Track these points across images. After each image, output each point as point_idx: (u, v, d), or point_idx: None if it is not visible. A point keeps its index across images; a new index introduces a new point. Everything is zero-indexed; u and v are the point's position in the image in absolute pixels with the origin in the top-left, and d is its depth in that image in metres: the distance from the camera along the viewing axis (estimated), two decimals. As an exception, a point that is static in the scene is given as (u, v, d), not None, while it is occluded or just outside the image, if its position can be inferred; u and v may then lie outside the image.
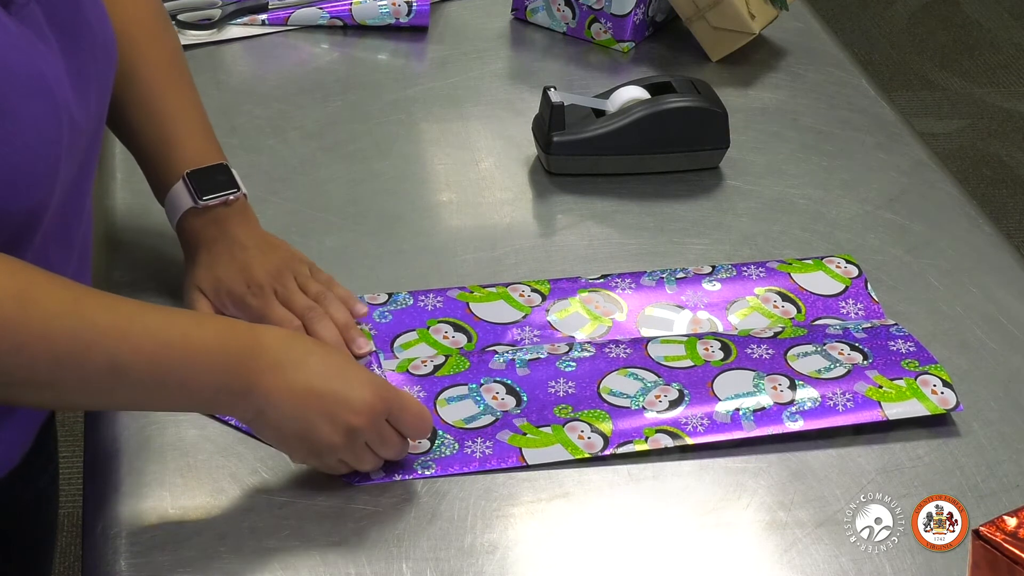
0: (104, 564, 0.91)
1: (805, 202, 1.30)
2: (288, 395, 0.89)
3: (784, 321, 1.13)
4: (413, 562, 0.91)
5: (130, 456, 0.98)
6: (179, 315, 0.95)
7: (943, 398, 1.03)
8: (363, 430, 0.92)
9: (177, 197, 1.08)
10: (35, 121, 0.85)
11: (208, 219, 1.08)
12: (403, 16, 1.54)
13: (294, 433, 0.91)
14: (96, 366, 0.84)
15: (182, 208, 1.08)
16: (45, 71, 0.86)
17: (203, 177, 1.08)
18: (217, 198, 1.08)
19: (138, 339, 0.85)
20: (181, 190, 1.08)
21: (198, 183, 1.08)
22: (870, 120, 1.45)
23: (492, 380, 1.04)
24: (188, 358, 0.87)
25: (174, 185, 1.08)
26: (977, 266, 1.22)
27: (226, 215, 1.09)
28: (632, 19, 1.51)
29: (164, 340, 0.86)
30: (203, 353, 0.88)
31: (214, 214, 1.08)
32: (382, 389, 0.93)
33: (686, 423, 1.00)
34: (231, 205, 1.09)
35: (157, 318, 0.88)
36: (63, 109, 0.88)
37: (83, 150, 0.94)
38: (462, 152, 1.36)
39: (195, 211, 1.08)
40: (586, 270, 1.18)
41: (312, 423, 0.90)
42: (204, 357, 0.88)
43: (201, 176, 1.08)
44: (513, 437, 1.00)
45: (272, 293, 1.06)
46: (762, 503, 0.97)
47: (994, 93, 3.43)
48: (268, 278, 1.07)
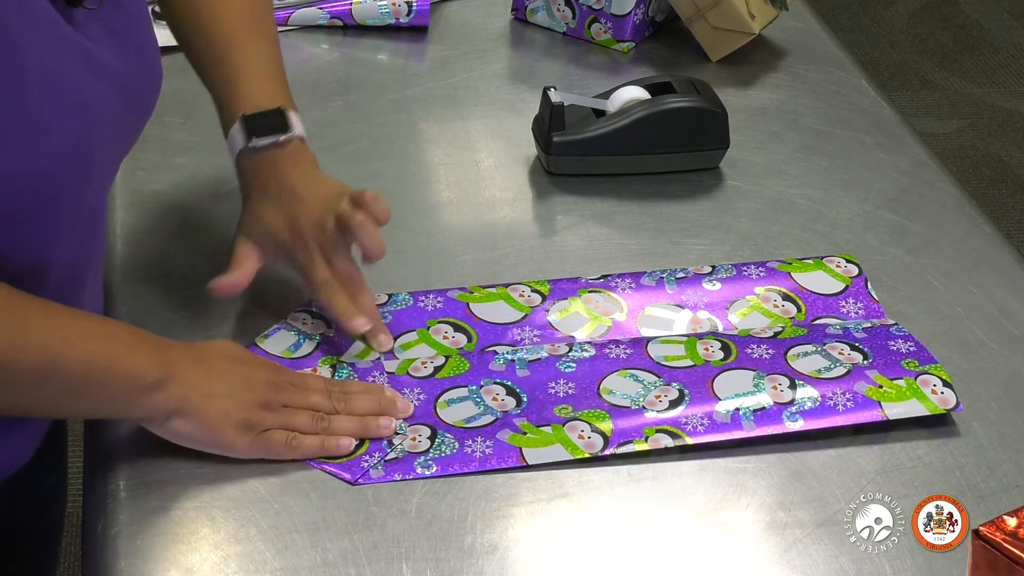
0: (104, 564, 0.91)
1: (805, 202, 1.30)
2: (205, 371, 0.95)
3: (784, 321, 1.13)
4: (413, 562, 0.91)
5: (130, 456, 0.98)
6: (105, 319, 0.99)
7: (943, 398, 1.03)
8: (283, 381, 0.97)
9: (233, 138, 1.10)
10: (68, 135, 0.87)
11: (260, 161, 1.09)
12: (403, 16, 1.54)
13: (219, 411, 0.94)
14: (30, 359, 0.86)
15: (236, 148, 1.09)
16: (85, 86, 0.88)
17: (257, 119, 1.09)
18: (267, 140, 1.08)
19: (73, 332, 0.90)
20: (237, 131, 1.09)
21: (251, 125, 1.09)
22: (870, 120, 1.45)
23: (492, 381, 1.04)
24: (117, 351, 0.91)
25: (232, 126, 1.10)
26: (977, 266, 1.22)
27: (279, 157, 1.09)
28: (632, 19, 1.51)
29: (101, 332, 0.92)
30: (129, 345, 0.93)
31: (267, 156, 1.08)
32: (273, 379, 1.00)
33: (686, 423, 1.00)
34: (284, 147, 1.09)
35: (89, 317, 0.94)
36: (97, 125, 0.90)
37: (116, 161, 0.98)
38: (462, 152, 1.36)
39: (248, 152, 1.08)
40: (586, 270, 1.18)
41: (236, 389, 0.95)
42: (130, 349, 0.92)
43: (256, 118, 1.09)
44: (513, 437, 1.00)
45: (318, 250, 1.06)
46: (762, 503, 0.97)
47: (994, 93, 3.43)
48: (314, 231, 1.06)
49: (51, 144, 0.86)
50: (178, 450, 0.98)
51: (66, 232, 0.92)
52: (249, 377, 0.97)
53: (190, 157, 1.31)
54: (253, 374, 0.98)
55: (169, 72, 1.38)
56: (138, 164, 1.29)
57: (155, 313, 1.11)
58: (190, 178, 1.28)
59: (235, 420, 0.95)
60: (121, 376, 0.91)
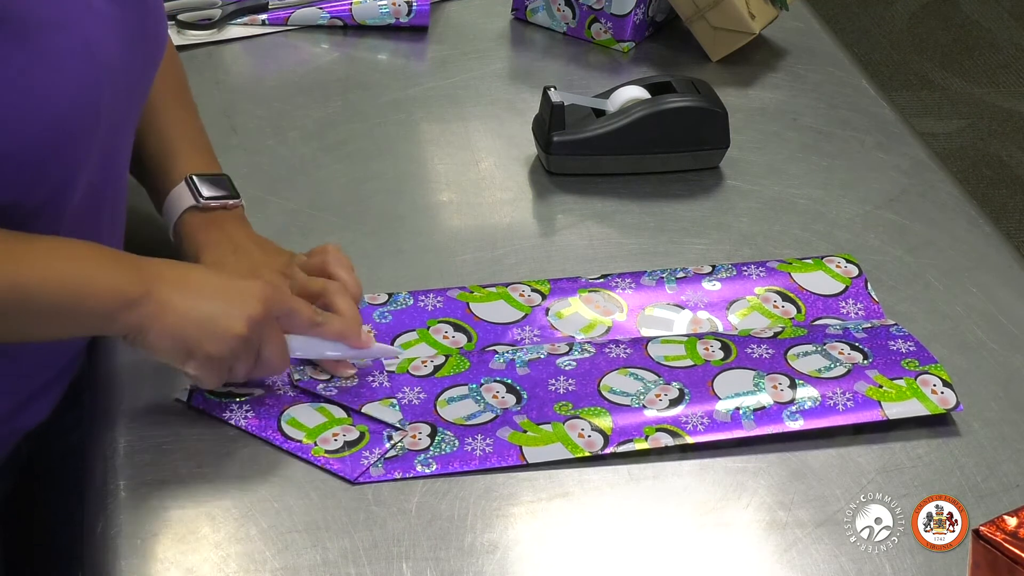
0: (104, 564, 0.91)
1: (805, 202, 1.30)
2: (188, 289, 0.95)
3: (784, 321, 1.13)
4: (413, 562, 0.91)
5: (130, 456, 0.98)
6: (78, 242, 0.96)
7: (943, 398, 1.03)
8: (263, 317, 0.95)
9: (178, 197, 1.09)
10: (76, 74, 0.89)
11: (208, 220, 1.08)
12: (403, 16, 1.54)
13: (195, 328, 0.93)
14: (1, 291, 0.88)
15: (182, 207, 1.08)
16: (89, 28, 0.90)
17: (205, 179, 1.09)
18: (218, 199, 1.08)
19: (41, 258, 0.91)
20: (183, 190, 1.09)
21: (200, 183, 1.09)
22: (870, 120, 1.45)
23: (492, 380, 1.04)
24: (90, 271, 0.92)
25: (175, 187, 1.09)
26: (977, 266, 1.22)
27: (225, 219, 1.09)
28: (632, 19, 1.51)
29: (71, 255, 0.93)
30: (102, 264, 0.93)
31: (213, 216, 1.08)
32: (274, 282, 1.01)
33: (686, 422, 1.01)
34: (230, 211, 1.09)
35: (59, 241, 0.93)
36: (104, 68, 0.91)
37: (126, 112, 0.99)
38: (462, 152, 1.36)
39: (196, 210, 1.08)
40: (586, 270, 1.18)
41: (214, 313, 0.94)
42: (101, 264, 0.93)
43: (203, 178, 1.09)
44: (513, 435, 1.00)
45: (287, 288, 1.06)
46: (762, 503, 0.97)
47: (994, 93, 3.43)
48: (278, 277, 1.06)
49: (61, 89, 0.87)
50: (178, 450, 0.98)
51: (77, 176, 0.93)
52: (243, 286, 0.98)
53: (190, 157, 1.31)
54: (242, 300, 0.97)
55: (169, 72, 1.39)
56: (138, 164, 1.29)
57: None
58: (190, 178, 1.28)
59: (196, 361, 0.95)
60: (97, 295, 0.92)
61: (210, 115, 1.22)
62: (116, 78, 0.94)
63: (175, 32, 1.50)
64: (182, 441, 0.99)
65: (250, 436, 0.99)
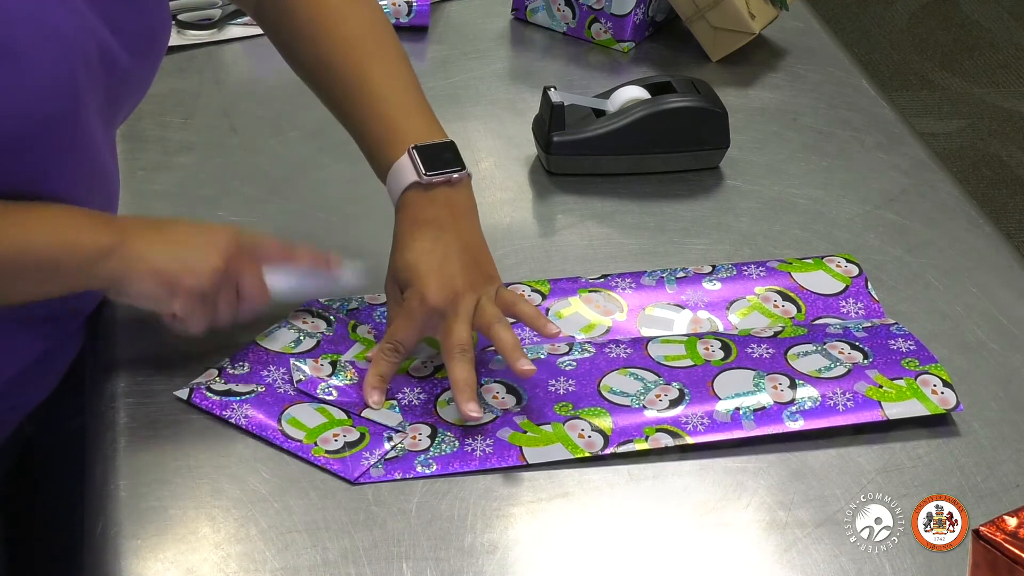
0: (104, 564, 0.91)
1: (805, 202, 1.30)
2: (160, 234, 0.98)
3: (784, 320, 1.13)
4: (413, 562, 0.91)
5: (130, 456, 0.98)
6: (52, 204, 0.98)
7: (943, 398, 1.03)
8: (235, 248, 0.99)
9: (401, 172, 1.05)
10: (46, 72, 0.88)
11: (428, 197, 1.05)
12: (403, 16, 1.54)
13: (174, 264, 0.96)
14: None
15: (407, 182, 1.04)
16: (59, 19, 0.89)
17: (429, 153, 1.05)
18: (440, 175, 1.04)
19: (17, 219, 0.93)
20: (406, 164, 1.05)
21: (423, 158, 1.05)
22: (870, 120, 1.45)
23: (492, 380, 1.04)
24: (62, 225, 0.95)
25: (399, 160, 1.05)
26: (977, 266, 1.22)
27: (447, 197, 1.05)
28: (632, 19, 1.51)
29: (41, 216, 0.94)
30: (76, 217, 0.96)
31: (435, 193, 1.05)
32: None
33: (686, 422, 1.00)
34: (454, 185, 1.05)
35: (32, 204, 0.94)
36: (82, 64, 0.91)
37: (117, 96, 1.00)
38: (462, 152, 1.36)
39: (418, 186, 1.04)
40: (586, 270, 1.18)
41: (188, 251, 0.97)
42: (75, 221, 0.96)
43: (427, 152, 1.05)
44: (514, 435, 1.00)
45: (429, 318, 1.02)
46: (762, 503, 0.97)
47: (994, 93, 3.43)
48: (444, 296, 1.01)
49: (27, 82, 0.87)
50: (178, 449, 0.98)
51: (56, 170, 0.94)
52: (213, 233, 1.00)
53: (190, 157, 1.31)
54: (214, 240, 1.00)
55: (169, 72, 1.39)
56: (138, 164, 1.29)
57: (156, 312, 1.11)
58: (190, 178, 1.28)
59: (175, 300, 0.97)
60: (75, 249, 0.95)
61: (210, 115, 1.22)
62: (95, 69, 0.93)
63: (175, 32, 1.49)
64: (182, 441, 0.99)
65: (250, 436, 0.99)
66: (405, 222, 1.05)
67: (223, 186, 1.27)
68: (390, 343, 1.03)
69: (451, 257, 1.03)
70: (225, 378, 1.03)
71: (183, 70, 1.20)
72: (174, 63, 1.35)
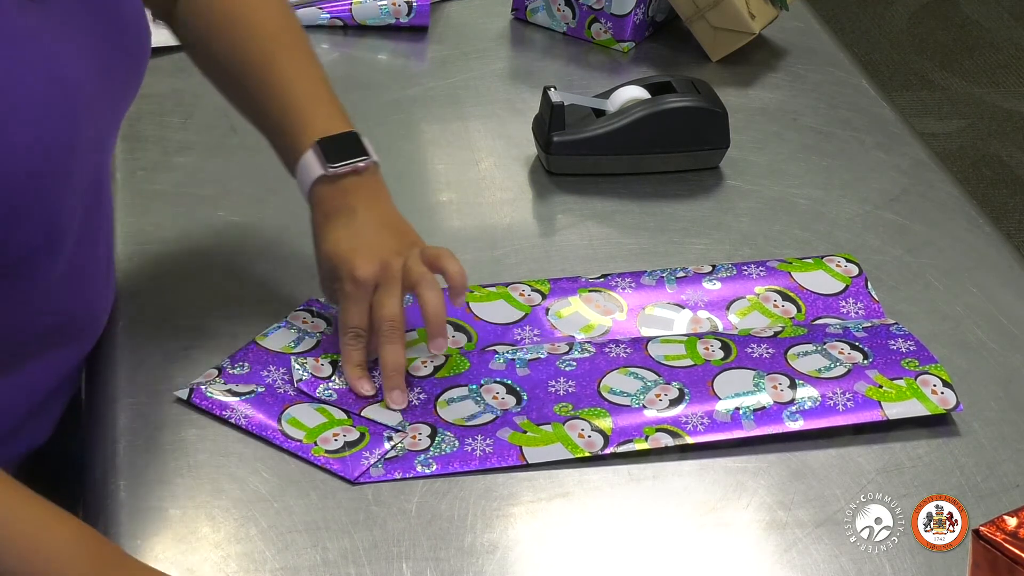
0: (104, 564, 0.91)
1: (805, 202, 1.30)
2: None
3: (784, 320, 1.13)
4: (413, 562, 0.91)
5: (130, 456, 0.98)
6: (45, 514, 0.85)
7: (943, 398, 1.03)
8: None
9: (308, 166, 1.06)
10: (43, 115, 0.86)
11: (336, 188, 1.06)
12: (403, 16, 1.54)
13: None
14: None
15: (313, 176, 1.05)
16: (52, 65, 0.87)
17: (332, 144, 1.06)
18: (345, 166, 1.05)
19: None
20: (311, 158, 1.06)
21: (327, 150, 1.05)
22: (870, 120, 1.45)
23: (492, 381, 1.04)
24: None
25: (304, 154, 1.06)
26: (977, 266, 1.22)
27: (355, 186, 1.06)
28: (632, 19, 1.51)
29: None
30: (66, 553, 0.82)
31: (343, 183, 1.06)
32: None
33: (686, 422, 1.00)
34: (361, 174, 1.06)
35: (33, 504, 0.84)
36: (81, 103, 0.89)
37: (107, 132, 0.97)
38: (462, 152, 1.36)
39: (325, 179, 1.05)
40: (586, 270, 1.18)
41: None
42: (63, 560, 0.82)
43: (330, 143, 1.06)
44: (513, 435, 1.00)
45: (368, 289, 1.03)
46: (762, 503, 0.97)
47: (994, 93, 3.43)
48: (371, 267, 1.03)
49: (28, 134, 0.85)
50: (178, 449, 0.98)
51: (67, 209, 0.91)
52: None
53: (190, 157, 1.31)
54: None
55: (169, 72, 1.39)
56: (138, 164, 1.29)
57: (156, 312, 1.11)
58: (190, 178, 1.28)
59: None
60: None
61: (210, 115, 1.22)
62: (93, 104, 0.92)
63: (175, 32, 1.49)
64: (182, 441, 0.99)
65: (250, 436, 0.99)
66: (318, 217, 1.06)
67: (223, 186, 1.27)
68: (348, 332, 1.03)
69: (369, 232, 1.04)
70: (225, 378, 1.03)
71: (183, 70, 1.20)
72: (174, 63, 1.34)
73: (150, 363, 1.05)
